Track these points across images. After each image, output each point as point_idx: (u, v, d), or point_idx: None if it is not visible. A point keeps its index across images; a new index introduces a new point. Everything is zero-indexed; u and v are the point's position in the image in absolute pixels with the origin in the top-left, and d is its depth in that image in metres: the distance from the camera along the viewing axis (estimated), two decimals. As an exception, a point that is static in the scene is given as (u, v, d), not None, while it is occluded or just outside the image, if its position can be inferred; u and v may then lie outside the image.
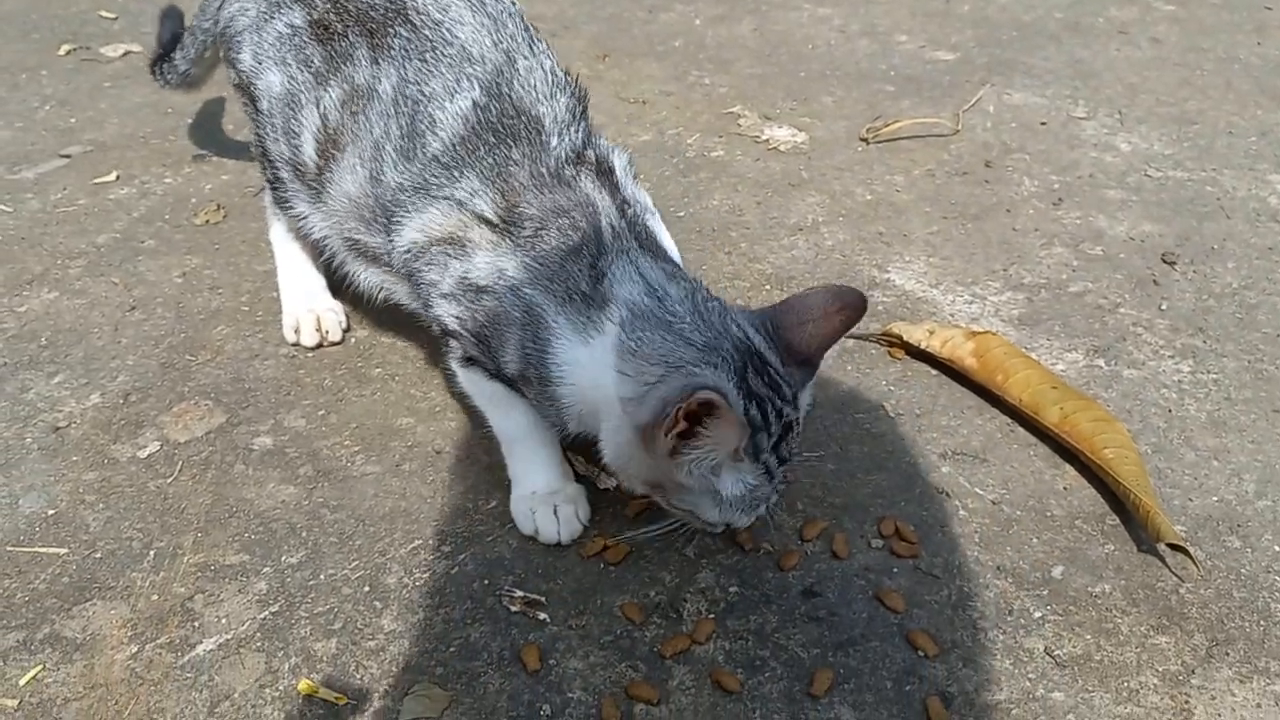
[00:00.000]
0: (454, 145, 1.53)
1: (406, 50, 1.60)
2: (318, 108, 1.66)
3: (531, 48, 1.61)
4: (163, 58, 2.27)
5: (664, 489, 1.39)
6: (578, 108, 1.58)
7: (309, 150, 1.68)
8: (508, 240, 1.48)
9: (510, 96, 1.55)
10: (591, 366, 1.40)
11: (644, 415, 1.32)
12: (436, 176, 1.53)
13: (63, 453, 1.72)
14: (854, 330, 1.86)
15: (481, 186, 1.50)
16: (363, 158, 1.61)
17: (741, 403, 1.30)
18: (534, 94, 1.56)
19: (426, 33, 1.60)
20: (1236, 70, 3.12)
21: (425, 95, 1.57)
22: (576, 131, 1.56)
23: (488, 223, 1.49)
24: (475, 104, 1.54)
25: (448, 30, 1.60)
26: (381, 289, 1.74)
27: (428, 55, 1.58)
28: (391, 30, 1.62)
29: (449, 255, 1.51)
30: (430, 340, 1.75)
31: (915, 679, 1.36)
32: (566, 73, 1.62)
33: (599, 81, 3.08)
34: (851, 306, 1.42)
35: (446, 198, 1.52)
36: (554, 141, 1.53)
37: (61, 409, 1.81)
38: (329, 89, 1.65)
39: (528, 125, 1.53)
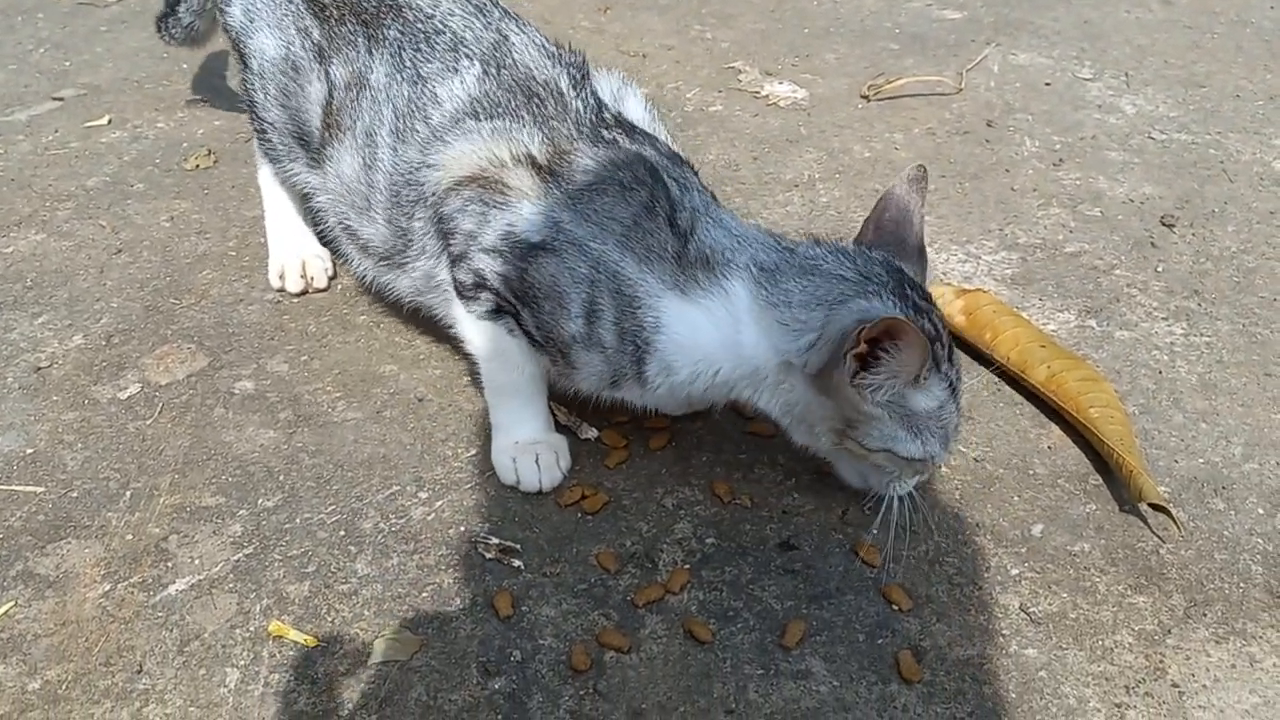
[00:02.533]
0: (471, 103, 1.53)
1: (400, 40, 1.61)
2: (325, 81, 1.66)
3: (519, 25, 1.64)
4: (168, 14, 2.26)
5: (854, 429, 1.35)
6: (578, 74, 1.58)
7: (314, 121, 1.68)
8: (557, 191, 1.44)
9: (517, 64, 1.56)
10: (713, 328, 1.38)
11: (819, 360, 1.31)
12: (458, 125, 1.52)
13: (43, 392, 1.71)
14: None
15: (522, 126, 1.49)
16: (356, 144, 1.61)
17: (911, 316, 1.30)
18: (539, 61, 1.57)
19: (419, 25, 1.62)
20: (1248, 34, 3.06)
21: (423, 76, 1.57)
22: (589, 94, 1.56)
23: (533, 164, 1.46)
24: (484, 72, 1.55)
25: (440, 22, 1.62)
26: (377, 284, 1.72)
27: (421, 45, 1.60)
28: (385, 21, 1.63)
29: (485, 204, 1.47)
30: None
31: (888, 632, 1.35)
32: (558, 44, 1.63)
33: (599, 34, 3.04)
34: (919, 174, 1.47)
35: (474, 132, 1.50)
36: (577, 105, 1.52)
37: (44, 349, 1.80)
38: (333, 65, 1.65)
39: (546, 87, 1.53)
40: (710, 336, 1.38)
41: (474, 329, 1.55)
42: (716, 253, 1.40)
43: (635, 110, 1.62)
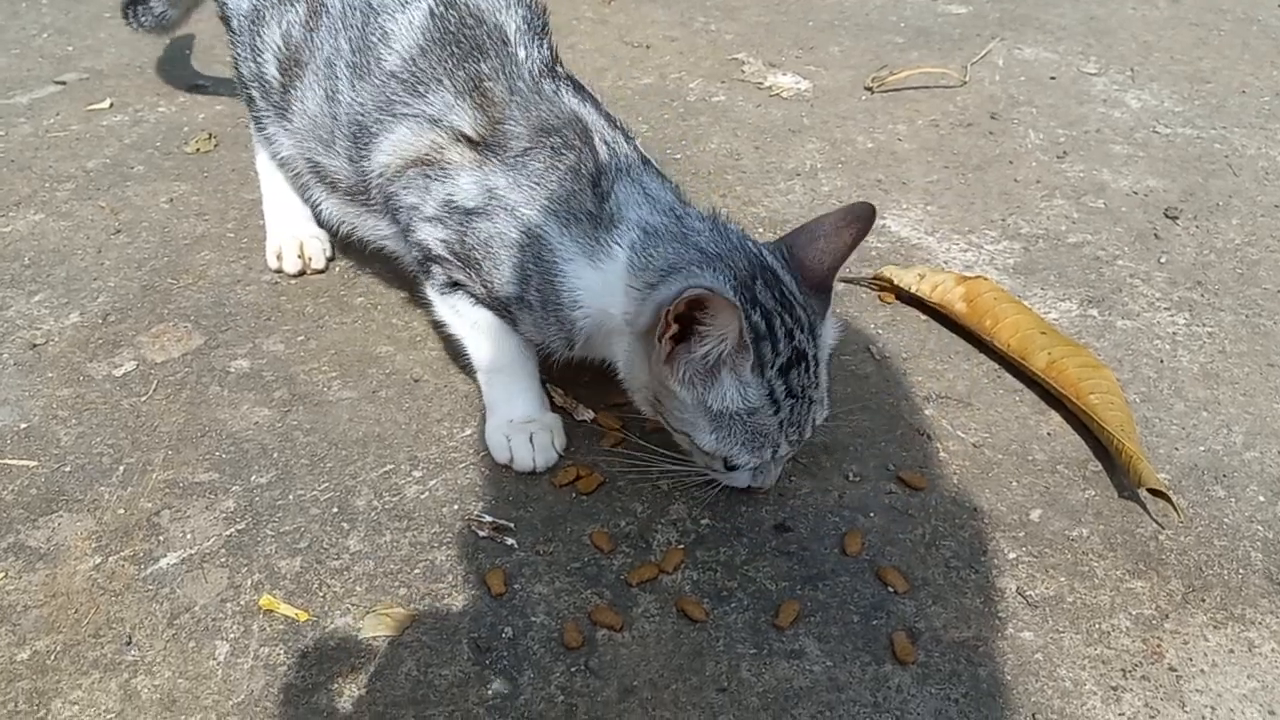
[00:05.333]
0: (413, 59, 1.51)
1: None
2: (280, 25, 1.64)
3: None
4: (135, 1, 2.26)
5: (663, 403, 1.35)
6: (537, 21, 1.56)
7: (271, 69, 1.67)
8: (494, 159, 1.45)
9: (467, 4, 1.53)
10: (604, 291, 1.38)
11: (642, 323, 1.32)
12: (399, 94, 1.50)
13: (39, 369, 1.70)
14: (845, 274, 1.85)
15: (456, 102, 1.48)
16: (318, 76, 1.60)
17: (740, 302, 1.26)
18: (492, 2, 1.54)
19: None
20: (1255, 31, 3.05)
21: (374, 6, 1.55)
22: (543, 45, 1.54)
23: (468, 140, 1.46)
24: (431, 12, 1.52)
25: None
26: (343, 222, 1.72)
27: None
28: None
29: (428, 177, 1.48)
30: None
31: (883, 614, 1.33)
32: None
33: (603, 25, 3.03)
34: (861, 218, 1.38)
35: (416, 115, 1.49)
36: (521, 54, 1.50)
37: (40, 326, 1.79)
38: (294, 5, 1.63)
39: (491, 35, 1.51)
40: (600, 298, 1.38)
41: (442, 305, 1.57)
42: (620, 211, 1.40)
43: None
